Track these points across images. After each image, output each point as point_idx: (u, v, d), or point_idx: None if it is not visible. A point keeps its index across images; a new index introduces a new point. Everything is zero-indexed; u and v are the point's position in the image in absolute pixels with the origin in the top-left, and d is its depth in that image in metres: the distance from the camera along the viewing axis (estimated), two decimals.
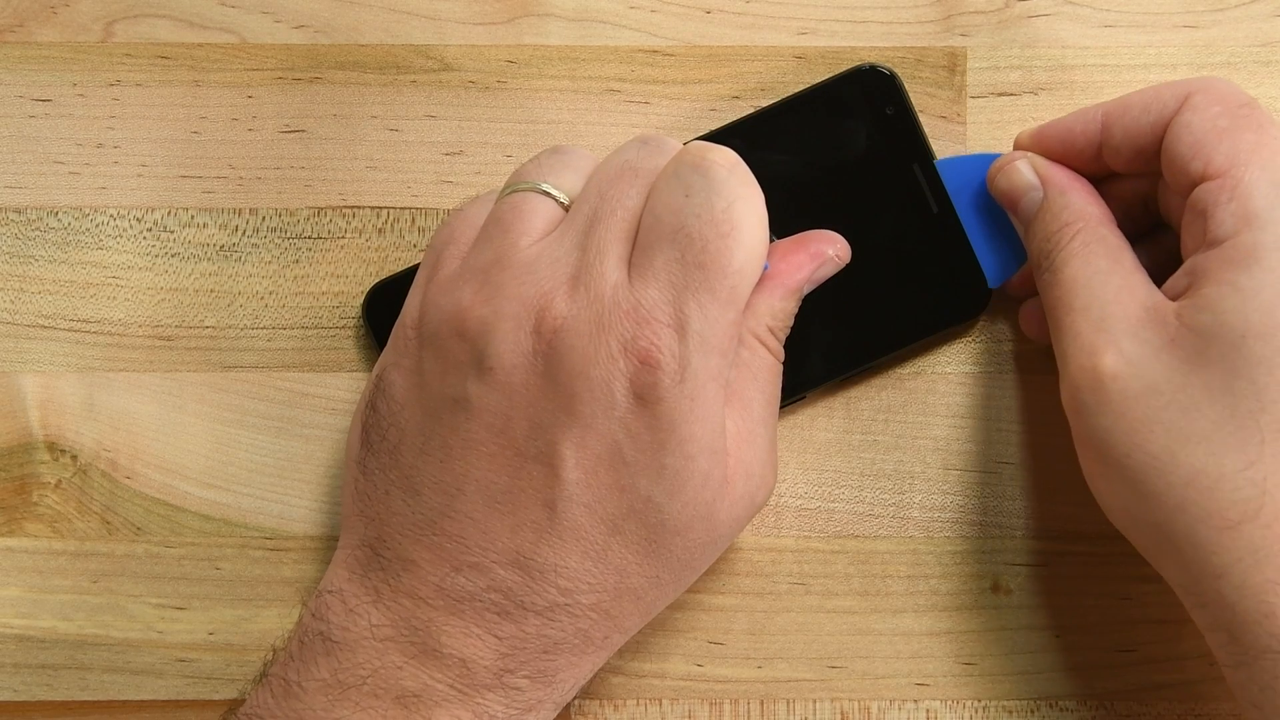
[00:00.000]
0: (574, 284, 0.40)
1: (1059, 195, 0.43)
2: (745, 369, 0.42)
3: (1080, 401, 0.40)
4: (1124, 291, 0.40)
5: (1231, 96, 0.41)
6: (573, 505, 0.39)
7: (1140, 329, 0.40)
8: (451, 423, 0.40)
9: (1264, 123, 0.40)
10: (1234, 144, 0.39)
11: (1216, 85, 0.41)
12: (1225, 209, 0.39)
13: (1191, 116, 0.40)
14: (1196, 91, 0.41)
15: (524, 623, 0.40)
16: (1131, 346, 0.39)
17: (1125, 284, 0.41)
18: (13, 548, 0.47)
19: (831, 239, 0.44)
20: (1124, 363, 0.39)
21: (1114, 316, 0.40)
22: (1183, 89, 0.41)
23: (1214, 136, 0.40)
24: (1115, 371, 0.39)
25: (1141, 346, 0.39)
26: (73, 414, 0.48)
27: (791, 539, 0.47)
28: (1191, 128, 0.40)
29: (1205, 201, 0.39)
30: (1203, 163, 0.40)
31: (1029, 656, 0.47)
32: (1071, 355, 0.41)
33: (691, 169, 0.40)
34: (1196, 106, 0.41)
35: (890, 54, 0.48)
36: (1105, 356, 0.40)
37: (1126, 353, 0.39)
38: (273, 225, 0.48)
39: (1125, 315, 0.40)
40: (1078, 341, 0.41)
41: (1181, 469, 0.38)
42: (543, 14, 0.49)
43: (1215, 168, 0.39)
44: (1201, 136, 0.40)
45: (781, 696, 0.47)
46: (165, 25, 0.49)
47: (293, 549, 0.47)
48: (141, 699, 0.47)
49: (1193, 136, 0.40)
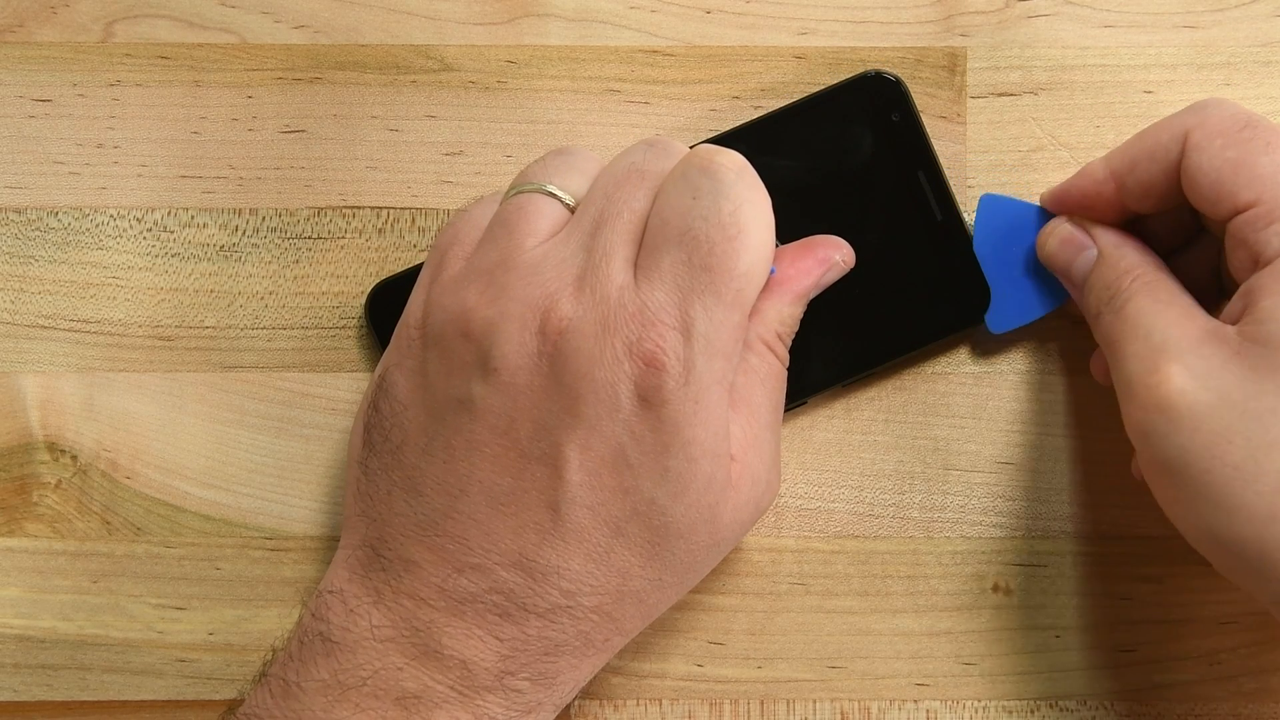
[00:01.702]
0: (579, 285, 0.40)
1: (1115, 249, 0.43)
2: (752, 374, 0.42)
3: (1150, 425, 0.39)
4: (1184, 318, 0.40)
5: (1230, 122, 0.40)
6: (576, 507, 0.39)
7: (1202, 346, 0.39)
8: (455, 423, 0.40)
9: (1272, 139, 0.40)
10: (1252, 173, 0.39)
11: (1210, 114, 0.41)
12: (1267, 233, 0.39)
13: (1199, 158, 0.40)
14: (1193, 129, 0.41)
15: (525, 624, 0.40)
16: (1196, 361, 0.39)
17: (1185, 313, 0.40)
18: (13, 548, 0.47)
19: (837, 244, 0.44)
20: (1190, 376, 0.39)
21: (1175, 338, 0.40)
22: (1179, 128, 0.41)
23: (1229, 172, 0.40)
24: (1182, 386, 0.39)
25: (1206, 361, 0.39)
26: (73, 414, 0.48)
27: (792, 539, 0.47)
28: (1203, 169, 0.40)
29: (1244, 232, 0.39)
30: (1230, 201, 0.40)
31: (1029, 656, 0.47)
32: (1136, 379, 0.40)
33: (699, 171, 0.40)
34: (1199, 146, 0.40)
35: (890, 54, 0.48)
36: (1171, 373, 0.39)
37: (1192, 367, 0.39)
38: (273, 225, 0.48)
39: (1185, 336, 0.40)
40: (1141, 364, 0.40)
41: (1269, 476, 0.37)
42: (543, 14, 0.49)
43: (1244, 201, 0.39)
44: (1216, 177, 0.40)
45: (781, 696, 0.47)
46: (165, 25, 0.49)
47: (293, 549, 0.47)
48: (141, 699, 0.47)
49: (1208, 179, 0.40)
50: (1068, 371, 0.47)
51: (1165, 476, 0.40)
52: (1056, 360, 0.47)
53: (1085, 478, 0.47)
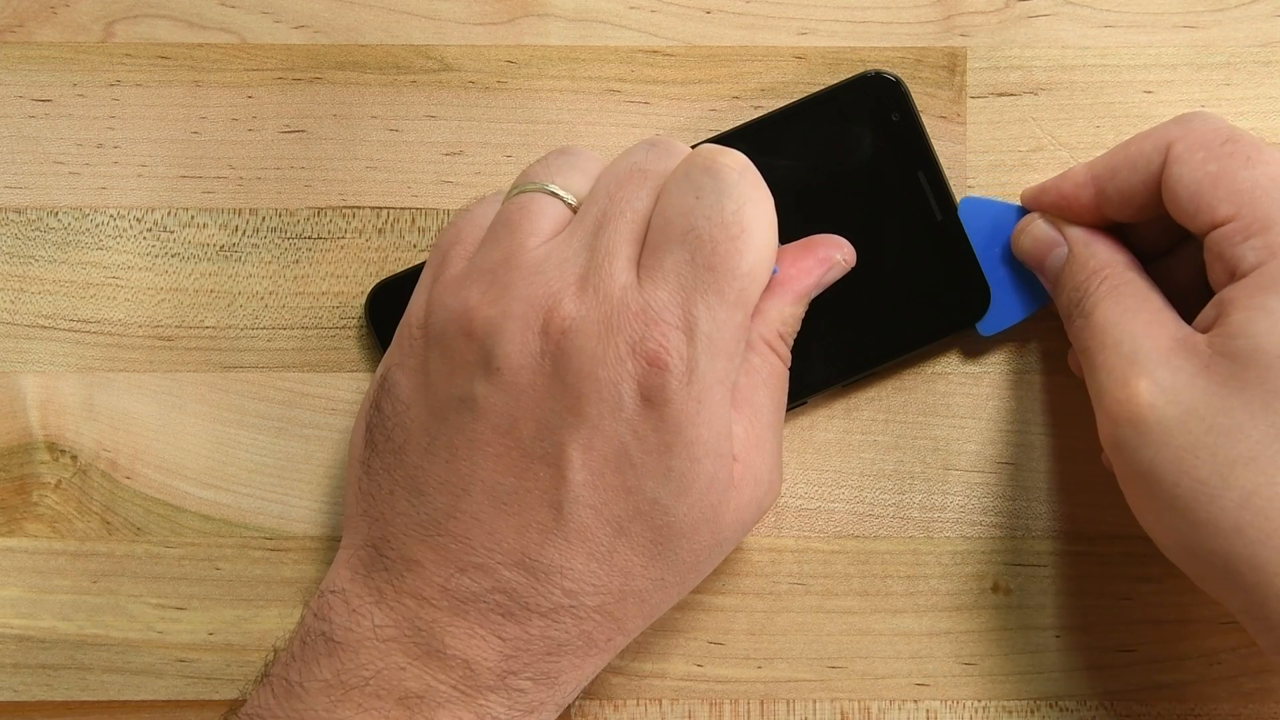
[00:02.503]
0: (582, 285, 0.40)
1: (1084, 246, 0.43)
2: (755, 374, 0.42)
3: (1120, 437, 0.40)
4: (1154, 326, 0.40)
5: (1212, 136, 0.40)
6: (579, 506, 0.39)
7: (1172, 358, 0.39)
8: (457, 423, 0.40)
9: (1252, 153, 0.40)
10: (1231, 186, 0.39)
11: (1194, 127, 0.41)
12: (1244, 247, 0.39)
13: (1180, 170, 0.40)
14: (1176, 140, 0.41)
15: (528, 624, 0.40)
16: (1165, 374, 0.39)
17: (1155, 319, 0.41)
18: (13, 548, 0.47)
19: (838, 244, 0.45)
20: (1159, 391, 0.39)
21: (1145, 350, 0.40)
22: (1162, 139, 0.41)
23: (1209, 185, 0.40)
24: (1151, 400, 0.39)
25: (1175, 374, 0.39)
26: (73, 414, 0.48)
27: (792, 539, 0.47)
28: (1184, 181, 0.40)
29: (1221, 245, 0.40)
30: (1208, 214, 0.40)
31: (1029, 656, 0.47)
32: (1106, 390, 0.40)
33: (702, 171, 0.40)
34: (1180, 158, 0.40)
35: (890, 54, 0.48)
36: (1140, 387, 0.39)
37: (1160, 381, 0.39)
38: (273, 225, 0.48)
39: (1156, 348, 0.40)
40: (1111, 376, 0.40)
41: (1233, 492, 0.38)
42: (543, 14, 0.49)
43: (1222, 215, 0.39)
44: (1196, 189, 0.40)
45: (781, 696, 0.47)
46: (165, 25, 0.49)
47: (293, 549, 0.47)
48: (141, 699, 0.47)
49: (1188, 191, 0.40)
50: (1067, 372, 0.47)
51: (1137, 487, 0.40)
52: (1056, 360, 0.47)
53: (1085, 478, 0.47)
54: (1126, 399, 0.40)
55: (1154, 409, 0.39)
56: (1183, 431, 0.39)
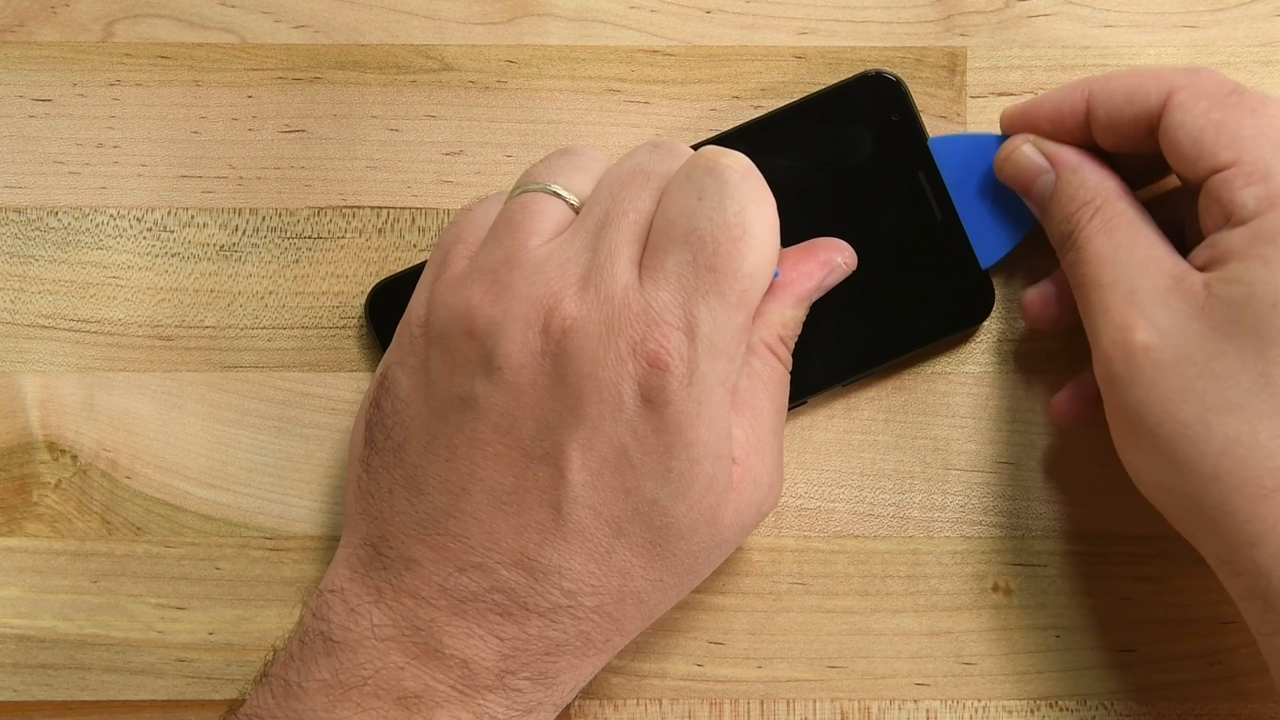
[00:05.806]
0: (584, 285, 0.40)
1: (1072, 174, 0.43)
2: (756, 377, 0.42)
3: (1113, 374, 0.40)
4: (1150, 263, 0.40)
5: (1218, 87, 0.41)
6: (578, 507, 0.39)
7: (1169, 298, 0.40)
8: (458, 422, 0.40)
9: (1258, 105, 0.40)
10: (1235, 133, 0.39)
11: (1200, 79, 0.41)
12: (1245, 193, 0.39)
13: (1183, 117, 0.40)
14: (1180, 89, 0.41)
15: (526, 624, 0.40)
16: (1162, 317, 0.39)
17: (1150, 255, 0.41)
18: (13, 548, 0.47)
19: (839, 246, 0.45)
20: (1156, 334, 0.39)
21: (1142, 289, 0.40)
22: (1166, 83, 0.41)
23: (1211, 132, 0.40)
24: (1148, 343, 0.39)
25: (1172, 316, 0.39)
26: (73, 414, 0.48)
27: (792, 539, 0.47)
28: (1186, 128, 0.40)
29: (1220, 190, 0.39)
30: (1209, 160, 0.40)
31: (1029, 656, 0.47)
32: (1104, 330, 0.41)
33: (705, 173, 0.40)
34: (1183, 105, 0.40)
35: (890, 54, 0.48)
36: (1137, 329, 0.40)
37: (1158, 323, 0.39)
38: (273, 225, 0.48)
39: (1153, 287, 0.40)
40: (1109, 316, 0.40)
41: (1215, 437, 0.38)
42: (543, 14, 0.49)
43: (1223, 160, 0.39)
44: (1199, 135, 0.40)
45: (781, 696, 0.47)
46: (165, 25, 0.49)
47: (293, 549, 0.47)
48: (141, 699, 0.47)
49: (1190, 137, 0.40)
50: (1067, 372, 0.47)
51: (1123, 424, 0.41)
52: (1056, 360, 0.47)
53: (1085, 478, 0.47)
54: (1124, 341, 0.40)
55: (1149, 351, 0.39)
56: (1175, 374, 0.39)
